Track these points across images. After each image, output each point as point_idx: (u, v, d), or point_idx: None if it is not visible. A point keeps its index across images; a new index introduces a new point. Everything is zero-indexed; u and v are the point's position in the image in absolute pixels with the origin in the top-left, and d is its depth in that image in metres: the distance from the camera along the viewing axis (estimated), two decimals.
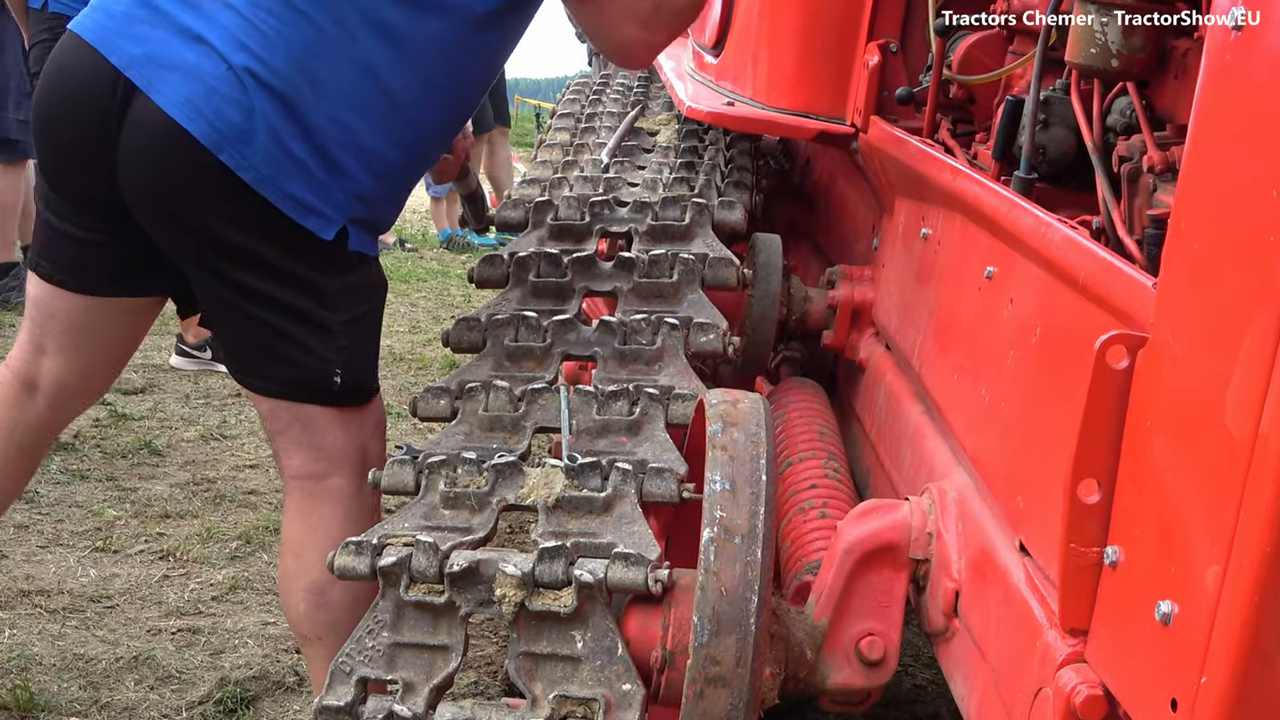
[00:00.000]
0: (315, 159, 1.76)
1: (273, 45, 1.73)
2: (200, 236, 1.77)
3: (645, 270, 2.06)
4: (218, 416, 4.07)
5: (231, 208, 1.74)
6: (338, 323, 1.84)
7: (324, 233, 1.78)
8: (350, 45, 1.75)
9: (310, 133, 1.75)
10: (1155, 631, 1.03)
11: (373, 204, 1.84)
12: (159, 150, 1.73)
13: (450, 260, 7.30)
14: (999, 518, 1.42)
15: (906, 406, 1.91)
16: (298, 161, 1.75)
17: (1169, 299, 1.09)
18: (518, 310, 2.01)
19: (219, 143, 1.71)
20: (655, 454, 1.67)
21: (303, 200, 1.76)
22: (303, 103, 1.74)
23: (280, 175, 1.74)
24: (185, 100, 1.72)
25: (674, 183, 2.45)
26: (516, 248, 2.19)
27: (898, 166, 2.04)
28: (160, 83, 1.73)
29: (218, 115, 1.72)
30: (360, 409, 1.92)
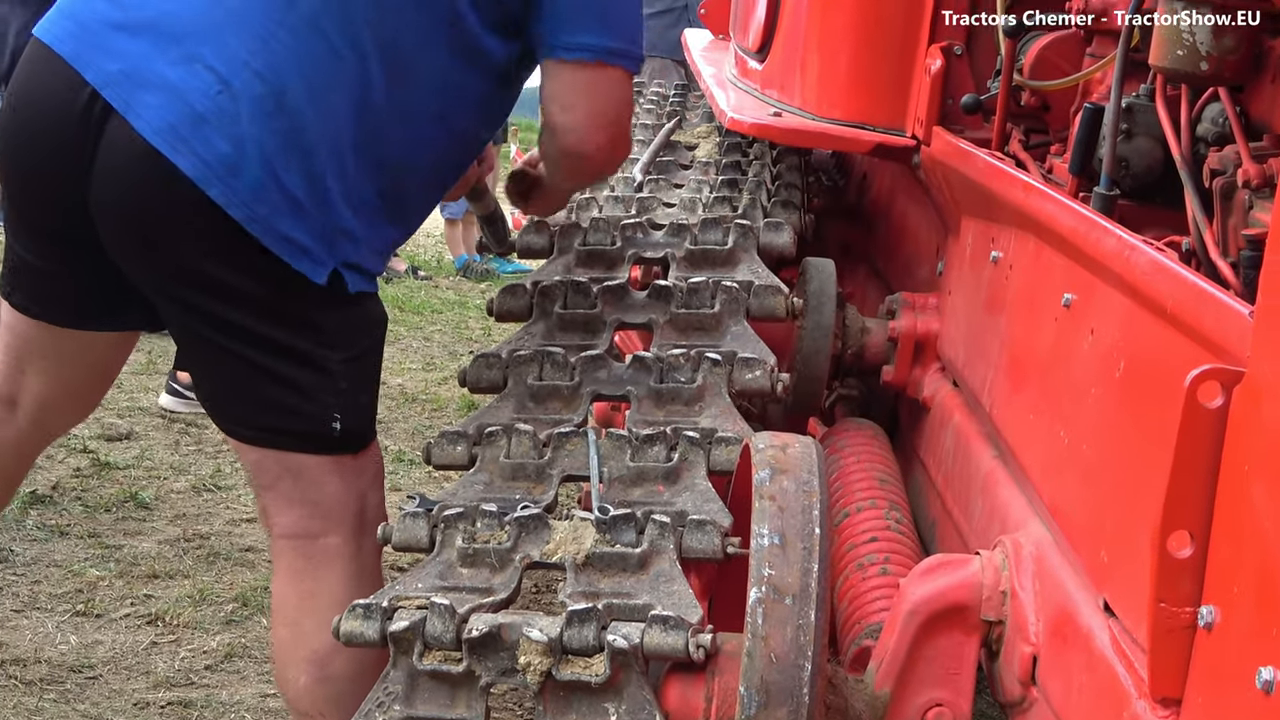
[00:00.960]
0: (310, 194, 1.77)
1: (281, 64, 1.73)
2: (183, 274, 1.78)
3: (683, 300, 2.08)
4: (211, 465, 4.11)
5: (218, 245, 1.75)
6: (337, 362, 1.86)
7: (316, 276, 1.79)
8: (361, 74, 1.77)
9: (310, 164, 1.76)
10: (1256, 701, 1.03)
11: (362, 244, 1.85)
12: (137, 181, 1.73)
13: (468, 289, 7.35)
14: (1081, 574, 1.42)
15: (976, 450, 1.92)
16: (290, 197, 1.75)
17: (1268, 329, 1.09)
18: (542, 345, 2.04)
19: (207, 177, 1.71)
20: (696, 505, 1.69)
21: (296, 241, 1.77)
22: (307, 131, 1.75)
23: (273, 214, 1.75)
24: (168, 126, 1.71)
25: (715, 202, 2.48)
26: (541, 276, 2.22)
27: (964, 182, 2.05)
28: (140, 105, 1.72)
29: (206, 145, 1.71)
30: (358, 456, 1.93)
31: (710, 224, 2.27)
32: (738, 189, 2.57)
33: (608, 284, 2.13)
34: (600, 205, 2.50)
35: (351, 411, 1.89)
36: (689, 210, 2.46)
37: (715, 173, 2.74)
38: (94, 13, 1.78)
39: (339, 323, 1.85)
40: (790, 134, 2.44)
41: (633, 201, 2.50)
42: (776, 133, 2.46)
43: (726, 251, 2.22)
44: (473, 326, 6.33)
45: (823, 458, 1.56)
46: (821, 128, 2.41)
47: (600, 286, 2.13)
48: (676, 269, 2.22)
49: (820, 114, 2.45)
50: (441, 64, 1.83)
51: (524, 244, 2.36)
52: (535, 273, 2.26)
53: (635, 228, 2.30)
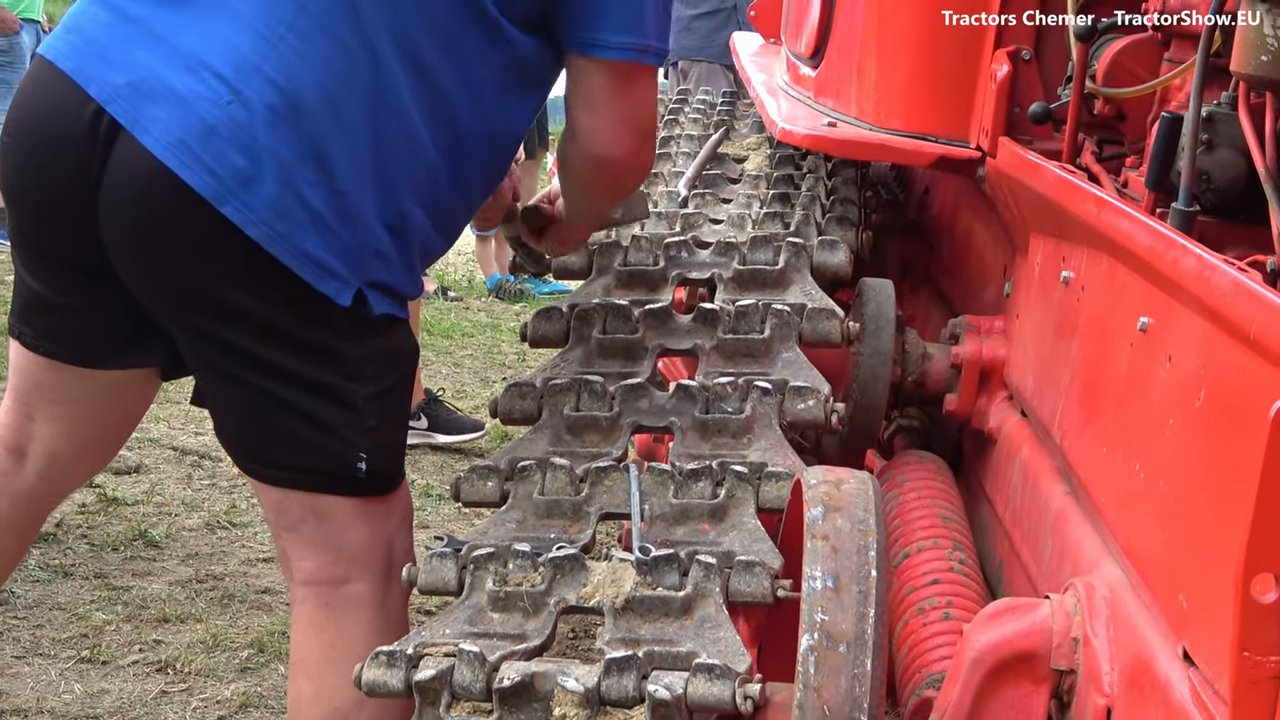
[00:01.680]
0: (332, 207, 1.77)
1: (295, 69, 1.73)
2: (198, 300, 1.79)
3: (731, 324, 2.11)
4: (225, 500, 4.14)
5: (235, 268, 1.75)
6: (364, 397, 1.86)
7: (340, 297, 1.80)
8: (380, 77, 1.77)
9: (331, 175, 1.76)
10: None
11: (391, 262, 1.85)
12: (147, 201, 1.73)
13: (501, 311, 7.40)
14: (1158, 620, 1.42)
15: (1046, 486, 1.92)
16: (312, 211, 1.75)
17: None
18: (580, 373, 2.06)
19: (220, 194, 1.71)
20: (744, 545, 1.70)
21: (319, 260, 1.76)
22: (326, 140, 1.75)
23: (294, 231, 1.74)
24: (178, 141, 1.71)
25: (765, 219, 2.50)
26: (578, 298, 2.24)
27: (1032, 197, 2.06)
28: (148, 119, 1.72)
29: (218, 159, 1.71)
30: (385, 499, 1.94)
31: (760, 242, 2.29)
32: (790, 204, 2.59)
33: (650, 307, 2.15)
34: (642, 222, 2.53)
35: (379, 451, 1.90)
36: (737, 227, 2.48)
37: (766, 187, 2.76)
38: (98, 25, 1.79)
39: (366, 354, 1.86)
40: (846, 146, 2.46)
41: (677, 218, 2.52)
42: (831, 144, 2.48)
43: (777, 272, 2.24)
44: (505, 351, 6.37)
45: (880, 494, 1.56)
46: (879, 139, 2.43)
47: (642, 310, 2.15)
48: (724, 291, 2.24)
49: (878, 124, 2.47)
50: (467, 63, 1.83)
51: (560, 264, 2.39)
52: (572, 295, 2.29)
53: (679, 246, 2.32)
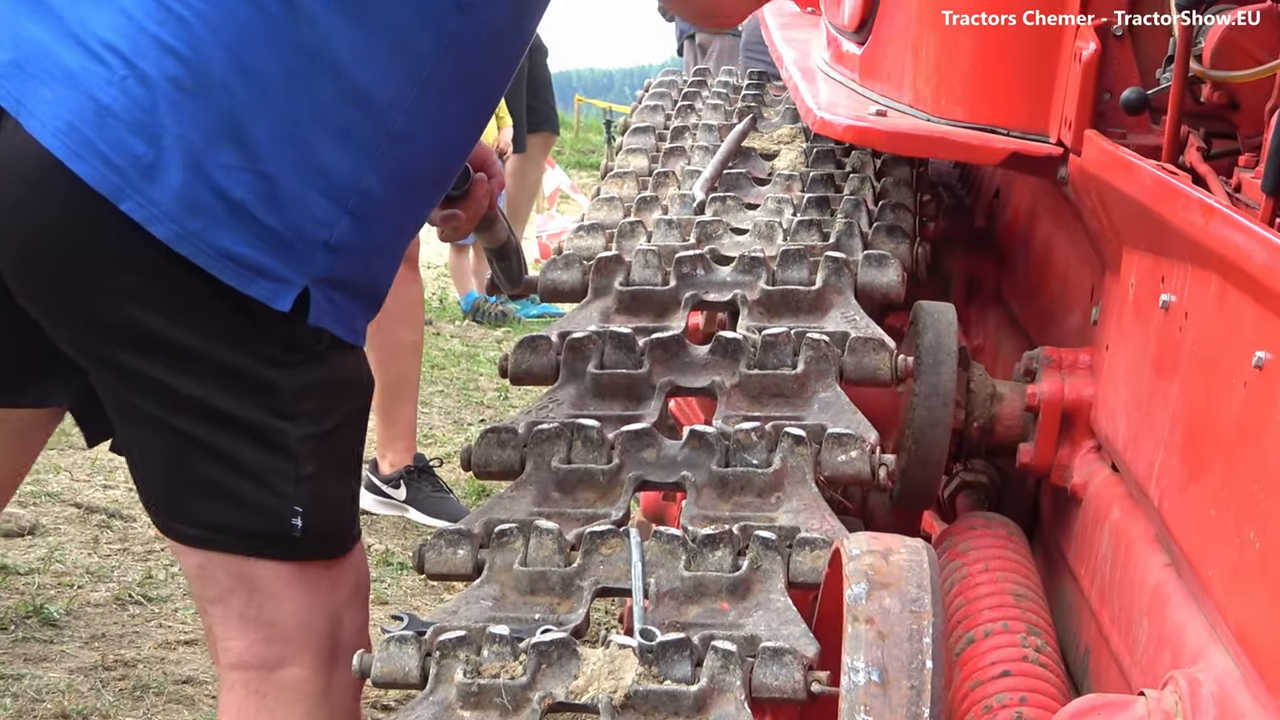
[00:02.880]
0: (257, 194, 1.77)
1: (196, 33, 1.74)
2: (101, 322, 1.79)
3: (757, 357, 2.12)
4: (139, 569, 4.13)
5: (142, 279, 1.76)
6: (299, 439, 1.87)
7: (277, 301, 1.80)
8: (302, 30, 1.77)
9: (253, 156, 1.76)
10: None
11: (346, 256, 1.85)
12: (34, 198, 1.74)
13: (478, 338, 7.45)
14: None
15: (1142, 556, 1.92)
16: (230, 201, 1.75)
17: None
18: (572, 416, 2.07)
19: (118, 188, 1.72)
20: (771, 627, 1.70)
21: (243, 258, 1.77)
22: (242, 114, 1.75)
23: (209, 226, 1.75)
24: (68, 127, 1.72)
25: (800, 228, 2.52)
26: (570, 325, 2.25)
27: (1125, 203, 2.07)
28: (34, 101, 1.73)
29: (115, 147, 1.72)
30: (330, 565, 1.94)
31: (793, 257, 2.30)
32: (829, 210, 2.61)
33: (658, 336, 2.16)
34: (650, 232, 2.55)
35: (319, 505, 1.90)
36: (765, 239, 2.50)
37: (800, 189, 2.77)
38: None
39: (304, 386, 1.86)
40: (898, 140, 2.48)
41: (691, 227, 2.54)
42: (880, 138, 2.50)
43: (814, 293, 2.25)
44: (484, 387, 6.41)
45: (938, 566, 1.57)
46: (939, 131, 2.44)
47: (648, 339, 2.16)
48: (748, 316, 2.26)
49: (937, 113, 2.48)
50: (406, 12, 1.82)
51: (548, 283, 2.40)
52: (564, 320, 2.30)
53: (695, 262, 2.34)
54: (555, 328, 2.25)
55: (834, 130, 2.57)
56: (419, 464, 4.75)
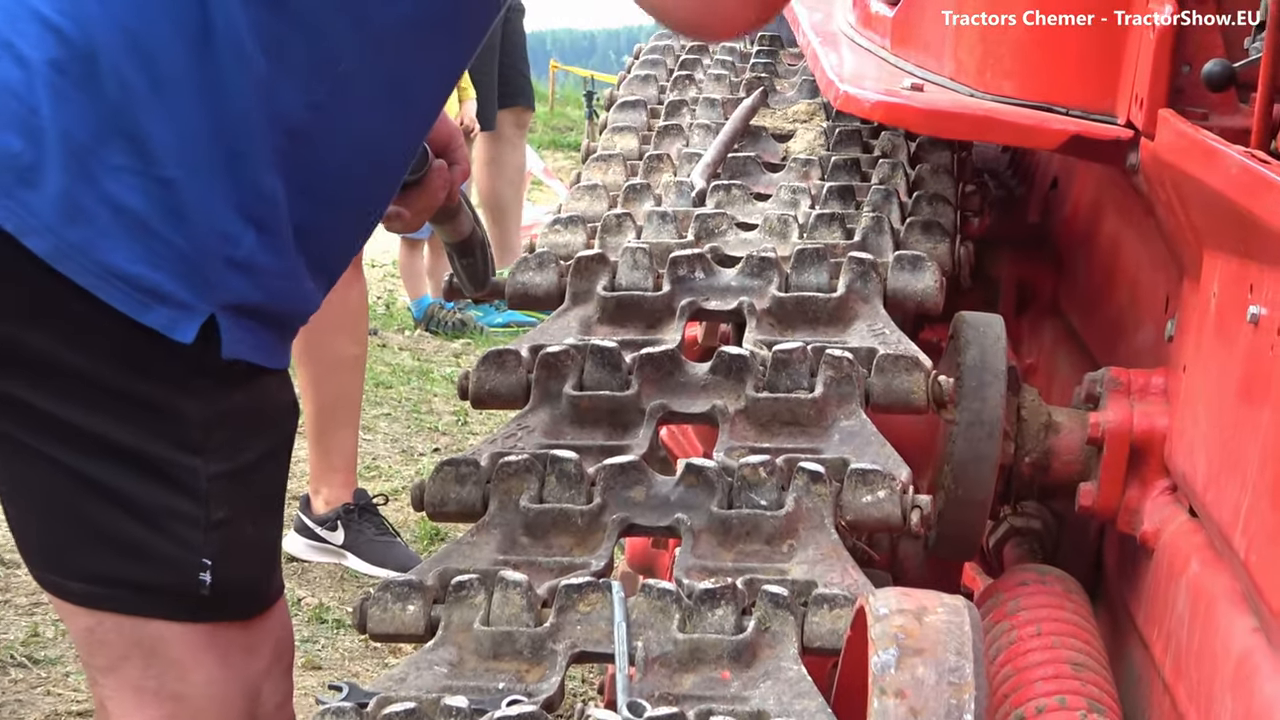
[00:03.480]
0: (154, 201, 1.77)
1: (85, 9, 1.74)
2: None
3: (767, 378, 2.17)
4: (23, 625, 4.12)
5: (20, 294, 1.77)
6: (210, 477, 1.87)
7: (178, 330, 1.80)
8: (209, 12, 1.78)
9: (149, 156, 1.77)
10: None
11: (258, 276, 1.85)
12: None
13: (432, 351, 7.48)
14: None
15: (1225, 618, 1.92)
16: (122, 210, 1.76)
17: None
18: (545, 446, 2.12)
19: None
20: (781, 701, 1.72)
21: (135, 278, 1.78)
22: (137, 107, 1.76)
23: (95, 240, 1.76)
24: None
25: (819, 223, 2.56)
26: (544, 336, 2.30)
27: (1206, 196, 2.07)
28: None
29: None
30: (248, 627, 1.95)
31: (811, 258, 2.35)
32: (854, 202, 2.65)
33: (648, 351, 2.21)
34: (638, 226, 2.59)
35: (233, 556, 1.90)
36: (777, 236, 2.55)
37: (820, 176, 2.82)
38: None
39: (216, 415, 1.87)
40: (936, 119, 2.52)
41: (689, 221, 2.58)
42: (915, 117, 2.53)
43: (835, 301, 2.30)
44: (438, 410, 6.44)
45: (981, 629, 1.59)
46: (985, 109, 2.46)
47: (637, 355, 2.21)
48: (757, 328, 2.30)
49: (983, 88, 2.51)
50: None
51: (518, 287, 2.45)
52: (536, 331, 2.35)
53: (693, 263, 2.39)
54: (526, 340, 2.30)
55: (860, 107, 2.60)
56: (360, 501, 4.73)
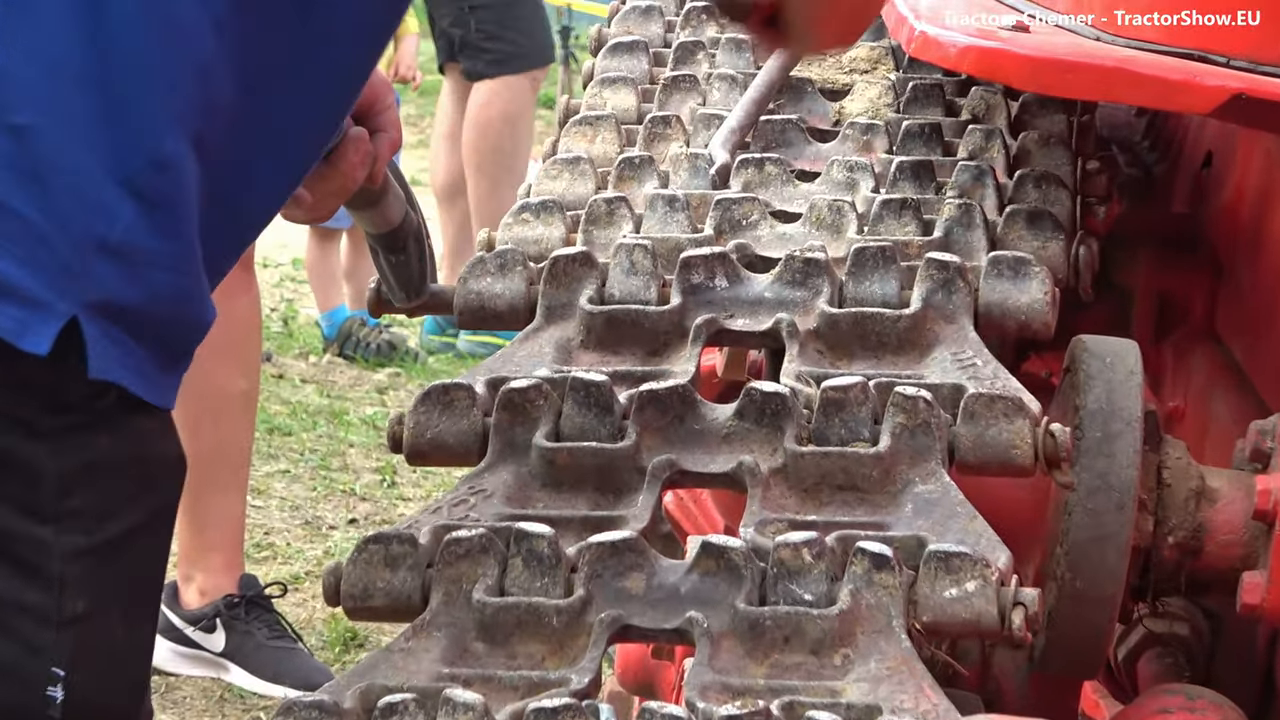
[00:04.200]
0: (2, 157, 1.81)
1: None
2: None
3: (814, 425, 2.14)
4: None
5: None
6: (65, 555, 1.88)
7: (28, 338, 1.82)
8: None
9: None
10: None
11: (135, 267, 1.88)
12: None
13: (348, 384, 7.55)
14: None
15: None
16: None
17: None
18: (508, 518, 2.09)
19: None
20: None
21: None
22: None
23: None
24: None
25: (885, 212, 2.55)
26: (507, 366, 2.28)
27: None
28: None
29: None
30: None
31: (874, 260, 2.33)
32: (933, 184, 2.64)
33: (651, 387, 2.19)
34: (636, 215, 2.58)
35: (94, 665, 1.91)
36: (828, 229, 2.53)
37: (886, 148, 2.81)
38: None
39: (77, 465, 1.88)
40: (1049, 70, 2.51)
41: (707, 208, 2.57)
42: (1019, 67, 2.53)
43: (908, 319, 2.28)
44: (357, 466, 6.49)
45: None
46: (1116, 59, 2.47)
47: (636, 392, 2.19)
48: (800, 357, 2.28)
49: (1113, 30, 2.51)
50: None
51: (470, 297, 2.43)
52: (496, 358, 2.33)
53: (712, 266, 2.36)
54: (481, 371, 2.28)
55: (943, 53, 2.61)
56: (247, 592, 4.74)
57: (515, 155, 8.44)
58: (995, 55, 2.55)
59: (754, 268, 2.39)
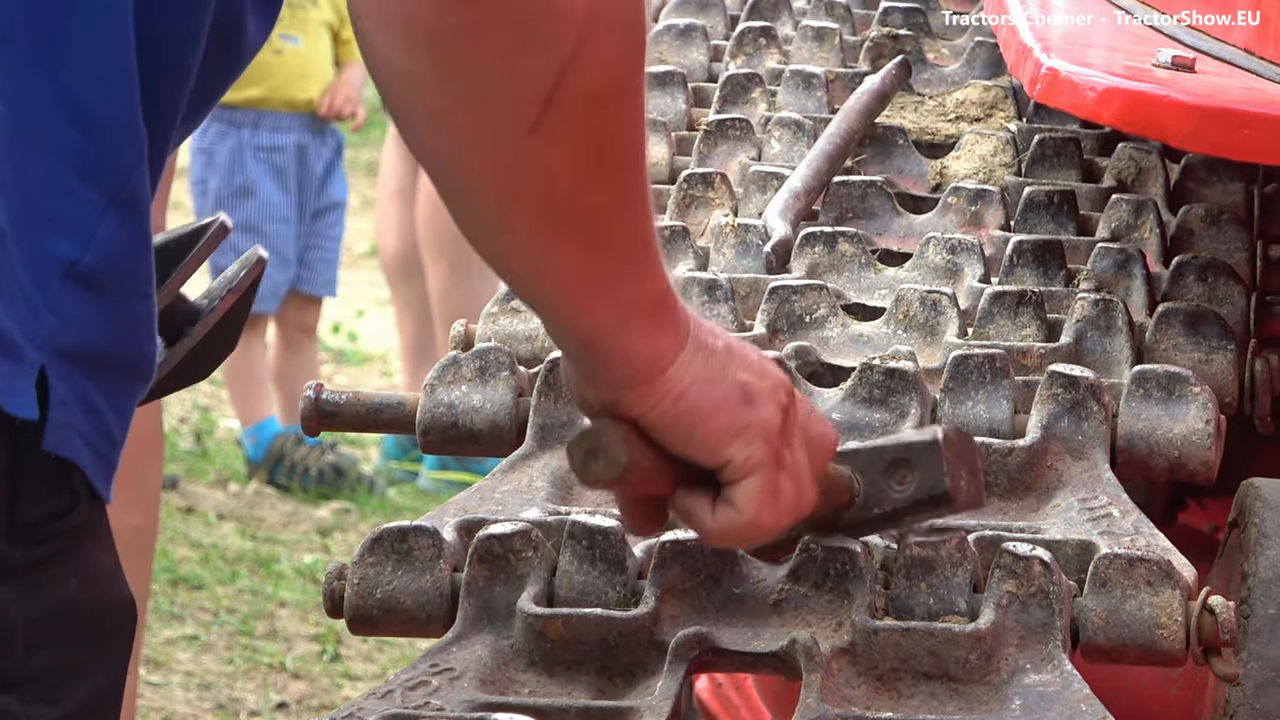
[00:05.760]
0: None
1: None
2: None
3: (892, 591, 2.17)
4: None
5: None
6: None
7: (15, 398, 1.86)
8: None
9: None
10: None
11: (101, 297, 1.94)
12: None
13: (278, 519, 7.51)
14: None
15: None
16: None
17: None
18: (483, 707, 2.10)
19: None
20: None
21: None
22: None
23: None
24: None
25: (997, 309, 2.58)
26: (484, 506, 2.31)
27: None
28: None
29: None
30: None
31: (980, 373, 2.36)
32: (1060, 272, 2.68)
33: (675, 537, 2.21)
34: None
35: None
36: (920, 330, 2.57)
37: (1001, 222, 2.85)
38: None
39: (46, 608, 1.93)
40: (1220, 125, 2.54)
41: (760, 296, 2.61)
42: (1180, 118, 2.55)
43: (1023, 453, 2.30)
44: (289, 634, 6.50)
45: None
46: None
47: (655, 543, 2.22)
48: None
49: None
50: None
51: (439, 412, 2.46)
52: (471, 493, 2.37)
53: None
54: (451, 509, 2.32)
55: (1080, 99, 2.63)
56: None
57: None
58: (1149, 102, 2.57)
59: (819, 379, 2.43)
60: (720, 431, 2.11)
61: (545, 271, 2.06)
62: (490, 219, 2.04)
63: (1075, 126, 2.96)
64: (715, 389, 2.10)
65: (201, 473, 7.92)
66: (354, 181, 11.18)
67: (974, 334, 2.55)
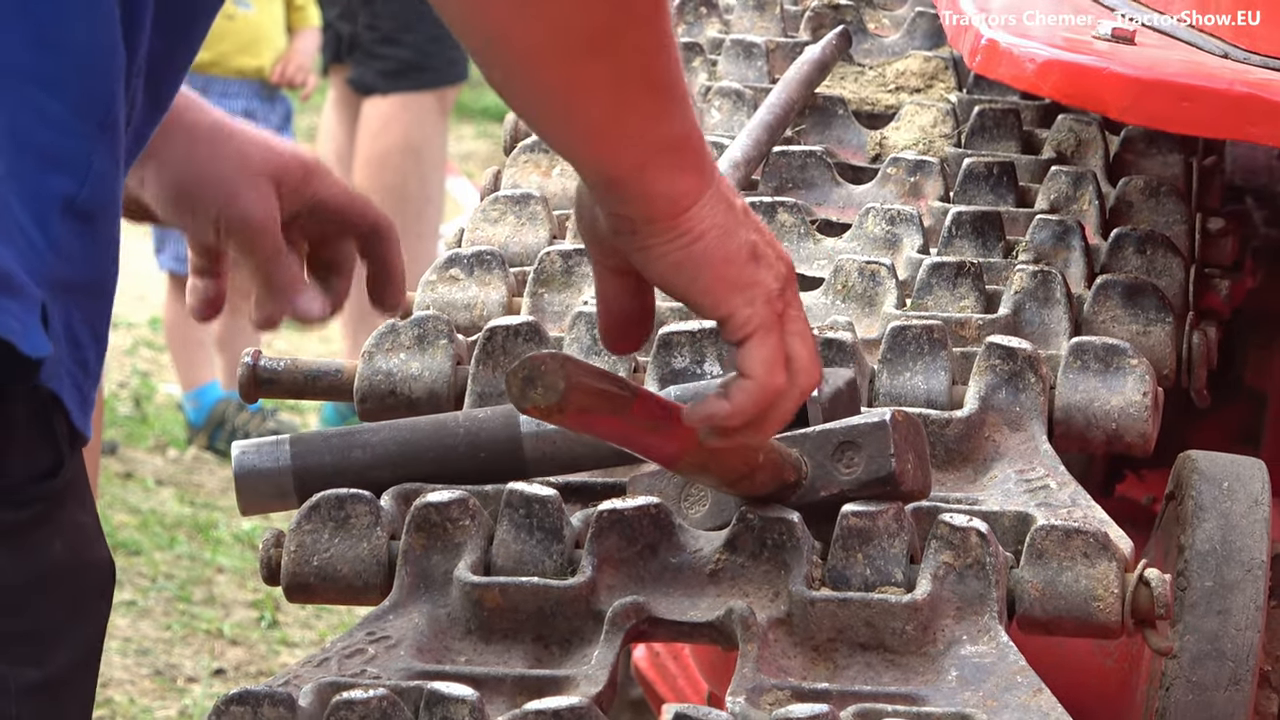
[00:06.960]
0: None
1: None
2: None
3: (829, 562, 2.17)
4: None
5: None
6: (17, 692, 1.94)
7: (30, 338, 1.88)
8: None
9: None
10: None
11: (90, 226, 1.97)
12: None
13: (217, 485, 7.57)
14: None
15: None
16: None
17: None
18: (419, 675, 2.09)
19: None
20: None
21: None
22: None
23: None
24: None
25: (935, 280, 2.59)
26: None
27: None
28: None
29: None
30: None
31: (917, 344, 2.37)
32: (998, 243, 2.69)
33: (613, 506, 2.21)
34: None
35: None
36: (859, 301, 2.57)
37: (940, 193, 2.86)
38: None
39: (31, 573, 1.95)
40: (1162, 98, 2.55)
41: None
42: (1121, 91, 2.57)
43: (961, 425, 2.31)
44: (227, 600, 6.50)
45: None
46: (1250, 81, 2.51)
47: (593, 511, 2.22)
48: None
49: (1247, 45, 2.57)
50: None
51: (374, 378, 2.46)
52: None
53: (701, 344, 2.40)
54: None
55: (1020, 70, 2.65)
56: None
57: (424, 197, 8.36)
58: (1089, 74, 2.58)
59: None
60: (727, 282, 2.13)
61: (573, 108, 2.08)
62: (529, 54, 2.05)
63: (1015, 98, 2.98)
64: (730, 241, 2.13)
65: (140, 438, 7.90)
66: None
67: (912, 305, 2.56)
